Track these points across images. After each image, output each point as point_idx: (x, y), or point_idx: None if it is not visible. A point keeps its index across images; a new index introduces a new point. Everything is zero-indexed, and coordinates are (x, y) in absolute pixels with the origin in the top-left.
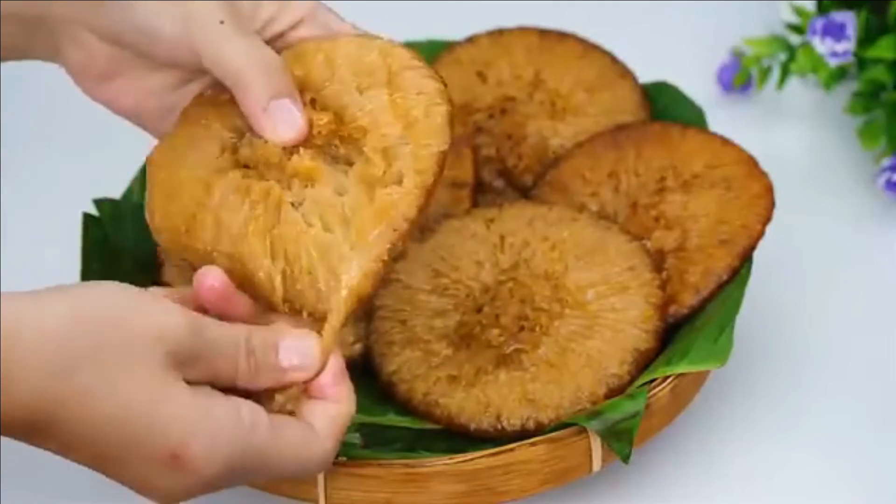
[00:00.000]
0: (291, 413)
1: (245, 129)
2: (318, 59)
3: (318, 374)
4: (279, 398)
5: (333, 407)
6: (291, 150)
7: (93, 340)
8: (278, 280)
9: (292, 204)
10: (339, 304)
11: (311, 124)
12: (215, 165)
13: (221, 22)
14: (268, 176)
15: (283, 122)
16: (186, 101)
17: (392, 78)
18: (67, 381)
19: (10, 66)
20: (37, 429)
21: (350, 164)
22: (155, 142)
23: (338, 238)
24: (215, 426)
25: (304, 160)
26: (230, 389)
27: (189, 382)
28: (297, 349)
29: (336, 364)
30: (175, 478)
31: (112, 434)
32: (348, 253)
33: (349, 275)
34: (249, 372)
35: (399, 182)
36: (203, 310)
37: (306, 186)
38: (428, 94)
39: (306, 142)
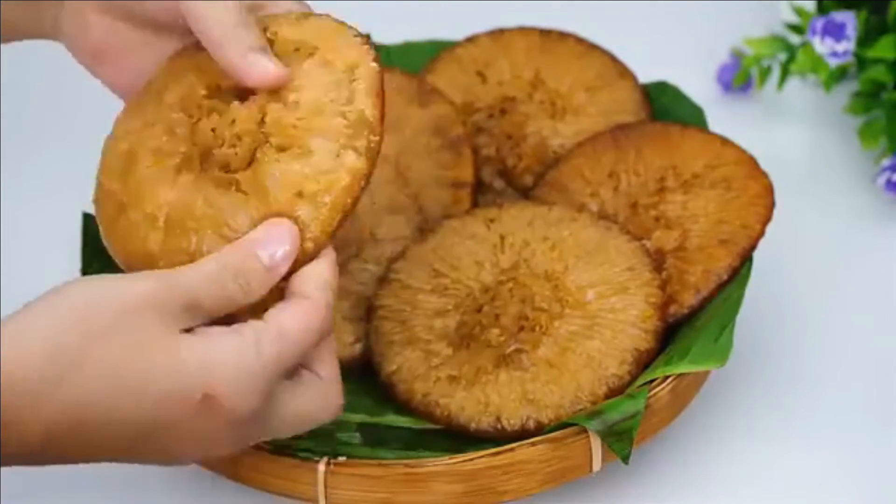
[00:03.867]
0: None
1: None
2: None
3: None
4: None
5: (313, 266)
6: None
7: (79, 335)
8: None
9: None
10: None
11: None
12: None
13: None
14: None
15: (265, 66)
16: None
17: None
18: (70, 383)
19: (10, 67)
20: (59, 441)
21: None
22: None
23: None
24: (226, 356)
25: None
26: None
27: (188, 330)
28: (273, 240)
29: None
30: (215, 423)
31: (137, 414)
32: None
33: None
34: (243, 291)
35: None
36: None
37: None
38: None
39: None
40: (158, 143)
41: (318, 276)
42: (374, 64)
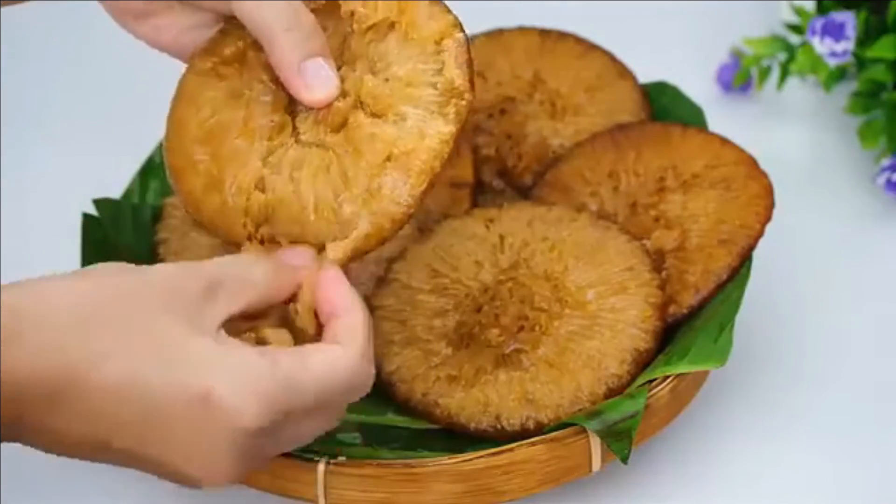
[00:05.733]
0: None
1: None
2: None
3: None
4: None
5: (348, 319)
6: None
7: (101, 305)
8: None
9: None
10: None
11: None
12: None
13: None
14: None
15: (316, 82)
16: None
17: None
18: (79, 348)
19: (10, 67)
20: (52, 401)
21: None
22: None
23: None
24: (236, 366)
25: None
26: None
27: (210, 326)
28: (294, 252)
29: (336, 275)
30: (213, 427)
31: (130, 396)
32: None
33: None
34: (265, 279)
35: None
36: None
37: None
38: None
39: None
40: (247, 113)
41: (346, 324)
42: (460, 34)
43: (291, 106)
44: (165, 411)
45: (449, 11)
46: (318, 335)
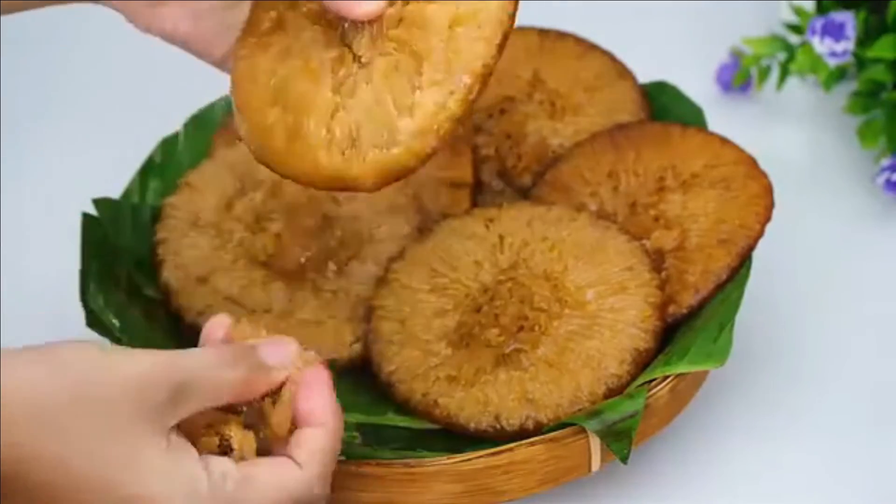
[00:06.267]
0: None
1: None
2: None
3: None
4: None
5: (309, 431)
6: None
7: (69, 403)
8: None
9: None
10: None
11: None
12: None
13: None
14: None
15: None
16: (243, 18)
17: None
18: (44, 441)
19: (10, 67)
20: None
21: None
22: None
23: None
24: (183, 481)
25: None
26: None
27: (178, 425)
28: (273, 347)
29: (324, 378)
30: None
31: (83, 488)
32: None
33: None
34: (240, 386)
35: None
36: None
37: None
38: None
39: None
40: (303, 60)
41: (314, 441)
42: None
43: (345, 38)
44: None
45: None
46: (289, 434)
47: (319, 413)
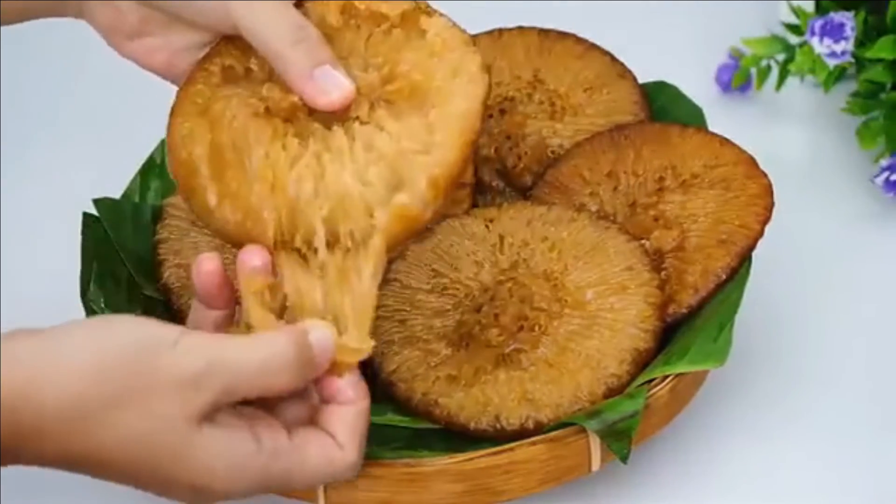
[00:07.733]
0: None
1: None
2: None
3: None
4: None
5: (352, 410)
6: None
7: (117, 389)
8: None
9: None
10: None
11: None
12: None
13: None
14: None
15: (330, 85)
16: None
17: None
18: (94, 431)
19: (10, 67)
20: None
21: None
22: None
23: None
24: (236, 461)
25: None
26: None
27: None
28: (321, 337)
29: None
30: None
31: (140, 465)
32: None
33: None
34: (286, 385)
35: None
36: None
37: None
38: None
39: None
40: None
41: (353, 421)
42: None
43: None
44: (164, 478)
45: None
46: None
47: (350, 392)
